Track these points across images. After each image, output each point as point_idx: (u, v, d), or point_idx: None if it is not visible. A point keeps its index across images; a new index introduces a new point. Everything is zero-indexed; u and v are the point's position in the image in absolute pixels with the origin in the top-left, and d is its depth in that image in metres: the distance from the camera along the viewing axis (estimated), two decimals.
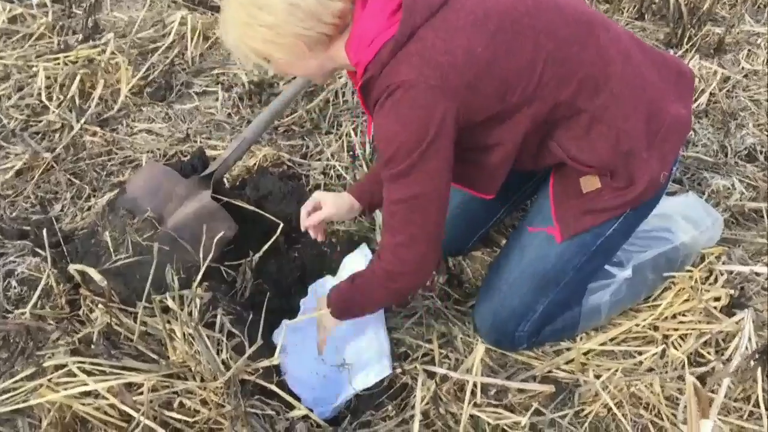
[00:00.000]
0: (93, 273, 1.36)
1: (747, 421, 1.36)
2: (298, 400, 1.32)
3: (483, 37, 1.16)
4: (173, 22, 2.47)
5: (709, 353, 1.49)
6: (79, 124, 2.04)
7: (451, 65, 1.14)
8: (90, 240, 1.54)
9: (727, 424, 1.36)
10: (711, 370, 1.45)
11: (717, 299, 1.55)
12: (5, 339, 1.37)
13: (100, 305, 1.39)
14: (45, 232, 1.50)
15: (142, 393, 1.21)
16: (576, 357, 1.50)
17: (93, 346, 1.32)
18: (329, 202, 1.53)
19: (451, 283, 1.65)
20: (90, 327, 1.38)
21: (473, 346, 1.50)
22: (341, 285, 1.40)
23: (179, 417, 1.22)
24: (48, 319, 1.42)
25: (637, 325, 1.56)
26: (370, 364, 1.42)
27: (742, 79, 2.46)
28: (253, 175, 1.88)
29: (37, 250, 1.56)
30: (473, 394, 1.33)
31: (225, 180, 1.80)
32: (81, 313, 1.45)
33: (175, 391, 1.24)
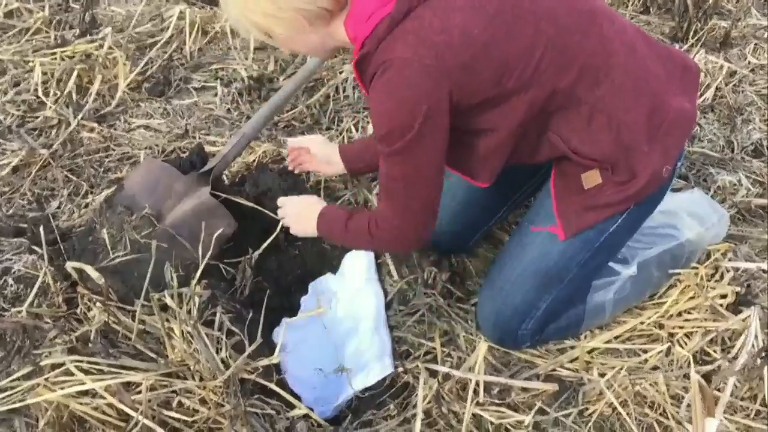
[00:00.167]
0: (90, 271, 1.35)
1: (754, 420, 1.35)
2: (299, 399, 1.31)
3: (481, 19, 1.15)
4: (172, 17, 2.45)
5: (715, 351, 1.48)
6: (76, 120, 2.02)
7: (447, 45, 1.13)
8: (87, 237, 1.53)
9: (733, 423, 1.34)
10: (717, 368, 1.43)
11: (723, 296, 1.53)
12: (2, 338, 1.36)
13: (97, 303, 1.38)
14: (42, 229, 1.49)
15: (140, 392, 1.20)
16: (580, 355, 1.48)
17: (90, 345, 1.31)
18: (318, 140, 1.68)
19: (454, 280, 1.64)
20: (87, 325, 1.36)
21: (476, 345, 1.49)
22: (338, 218, 1.42)
23: (178, 416, 1.21)
24: (45, 318, 1.41)
25: (642, 323, 1.55)
26: (371, 363, 1.41)
27: (749, 73, 2.43)
28: (253, 171, 1.86)
29: (34, 247, 1.55)
30: (476, 392, 1.32)
31: (224, 176, 1.79)
32: (78, 311, 1.44)
33: (174, 390, 1.23)
